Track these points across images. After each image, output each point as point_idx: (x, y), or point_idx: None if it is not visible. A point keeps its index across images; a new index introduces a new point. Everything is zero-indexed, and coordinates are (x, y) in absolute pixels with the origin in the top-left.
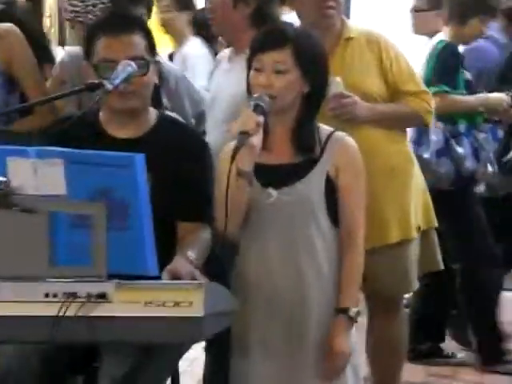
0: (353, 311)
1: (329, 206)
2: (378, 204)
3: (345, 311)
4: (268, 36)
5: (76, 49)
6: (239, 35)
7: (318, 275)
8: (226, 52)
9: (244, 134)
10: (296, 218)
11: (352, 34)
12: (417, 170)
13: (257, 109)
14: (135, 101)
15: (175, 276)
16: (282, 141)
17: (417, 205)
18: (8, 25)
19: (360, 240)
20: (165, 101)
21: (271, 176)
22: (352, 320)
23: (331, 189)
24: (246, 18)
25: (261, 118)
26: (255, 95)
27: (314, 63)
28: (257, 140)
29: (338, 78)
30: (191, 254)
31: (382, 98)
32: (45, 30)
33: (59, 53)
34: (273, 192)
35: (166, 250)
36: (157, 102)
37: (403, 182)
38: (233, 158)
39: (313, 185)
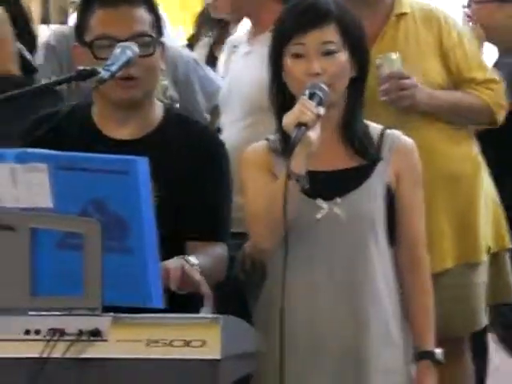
0: (438, 353)
1: (387, 219)
2: (436, 219)
3: (430, 355)
4: (306, 12)
5: (65, 28)
6: (260, 11)
7: (379, 311)
8: (240, 35)
9: (302, 127)
10: (352, 237)
11: (405, 8)
12: (487, 178)
13: (313, 98)
14: (138, 90)
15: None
16: (330, 141)
17: (487, 221)
18: None
19: (426, 262)
20: (173, 93)
21: (320, 185)
22: (439, 364)
23: (390, 199)
24: None
25: (321, 110)
26: (309, 83)
27: (360, 40)
28: (315, 136)
29: (394, 55)
30: (190, 259)
31: (443, 87)
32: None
33: (43, 33)
34: (323, 204)
35: None
36: None
37: (469, 193)
38: (289, 156)
39: (372, 194)
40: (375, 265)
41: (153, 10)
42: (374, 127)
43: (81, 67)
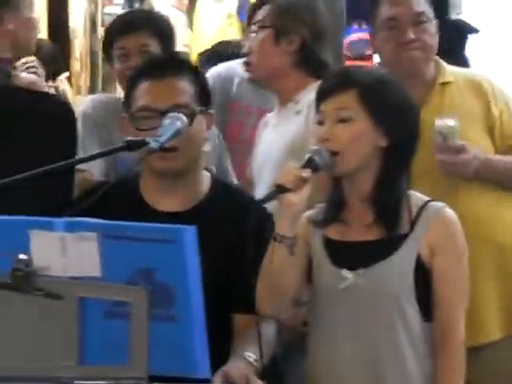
0: None
1: (419, 294)
2: (482, 289)
3: None
4: (328, 81)
5: (103, 96)
6: (282, 81)
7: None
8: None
9: (278, 188)
10: (376, 309)
11: (448, 78)
12: None
13: (309, 164)
14: (177, 161)
15: (227, 380)
16: (359, 211)
17: None
18: None
19: (458, 339)
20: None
21: (347, 255)
22: None
23: (423, 273)
24: (289, 59)
25: (306, 173)
26: (314, 148)
27: (390, 108)
28: (298, 198)
29: (452, 121)
30: (250, 355)
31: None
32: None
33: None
34: (348, 274)
35: (220, 346)
36: None
37: None
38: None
39: (399, 267)
40: (400, 338)
41: (198, 79)
42: (418, 198)
43: (128, 138)
